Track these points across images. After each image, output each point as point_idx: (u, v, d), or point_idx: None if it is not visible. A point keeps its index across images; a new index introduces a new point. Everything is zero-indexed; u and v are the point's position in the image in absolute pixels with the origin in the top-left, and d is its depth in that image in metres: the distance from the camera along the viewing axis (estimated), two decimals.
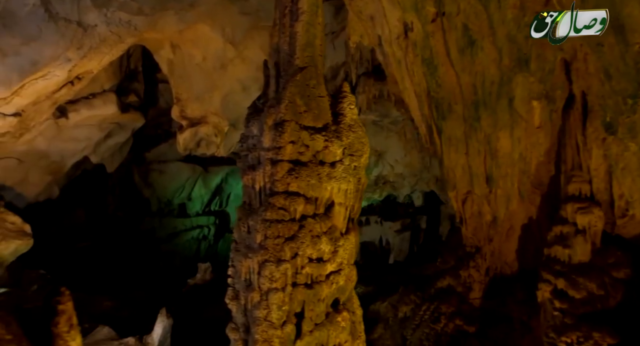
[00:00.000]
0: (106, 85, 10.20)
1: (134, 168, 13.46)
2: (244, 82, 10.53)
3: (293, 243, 3.34)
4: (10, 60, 7.36)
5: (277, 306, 3.24)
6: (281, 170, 3.37)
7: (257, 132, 3.56)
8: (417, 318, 5.21)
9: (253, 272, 3.35)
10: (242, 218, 3.57)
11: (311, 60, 3.54)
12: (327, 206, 3.55)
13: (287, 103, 3.42)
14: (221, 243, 15.67)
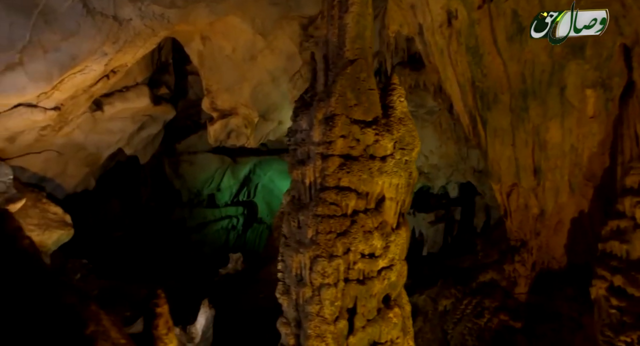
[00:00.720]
0: (139, 78, 10.35)
1: (165, 160, 13.71)
2: (273, 73, 10.50)
3: (345, 238, 3.32)
4: (51, 55, 7.52)
5: (330, 301, 3.24)
6: (332, 164, 3.33)
7: (306, 126, 3.52)
8: (458, 312, 5.14)
9: (304, 267, 3.35)
10: (291, 212, 3.57)
11: (361, 53, 3.47)
12: (378, 201, 3.51)
13: (338, 97, 3.37)
14: (249, 233, 15.87)
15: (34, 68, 7.37)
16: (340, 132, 3.34)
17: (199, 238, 14.52)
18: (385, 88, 3.73)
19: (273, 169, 15.64)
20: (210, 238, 14.82)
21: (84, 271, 7.89)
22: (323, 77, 3.59)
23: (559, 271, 5.00)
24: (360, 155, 3.42)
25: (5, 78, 7.24)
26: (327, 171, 3.33)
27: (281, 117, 11.27)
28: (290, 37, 9.76)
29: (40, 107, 8.13)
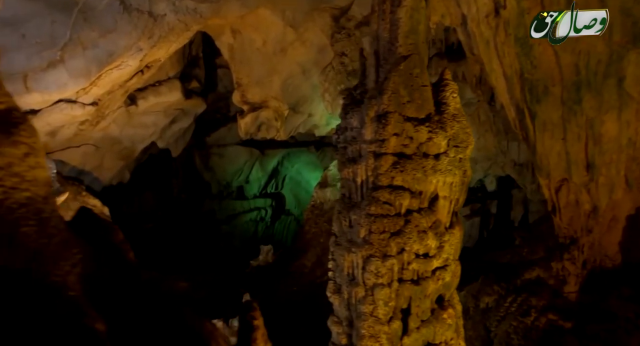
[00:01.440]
0: (170, 73, 10.46)
1: (195, 153, 13.89)
2: (304, 65, 10.43)
3: (399, 238, 3.28)
4: (90, 52, 7.66)
5: (384, 302, 3.21)
6: (385, 163, 3.28)
7: (357, 124, 3.47)
8: (501, 309, 5.05)
9: (357, 267, 3.33)
10: (342, 211, 3.54)
11: (415, 48, 3.37)
12: (431, 200, 3.44)
13: (390, 94, 3.29)
14: (277, 225, 15.98)
15: (73, 65, 7.53)
16: (393, 130, 3.28)
17: (228, 230, 14.73)
18: (438, 84, 3.63)
19: (301, 161, 15.66)
20: (240, 230, 15.01)
21: None
22: (374, 73, 3.52)
23: (613, 270, 4.82)
24: (413, 154, 3.34)
25: (48, 75, 7.43)
26: (379, 170, 3.28)
27: (311, 110, 11.22)
28: (322, 29, 9.65)
29: (79, 102, 8.33)
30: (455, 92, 3.59)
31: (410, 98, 3.37)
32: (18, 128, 1.12)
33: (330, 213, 9.39)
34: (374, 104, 3.35)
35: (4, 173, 1.03)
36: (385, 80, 3.36)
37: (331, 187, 9.64)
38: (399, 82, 3.32)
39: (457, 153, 3.46)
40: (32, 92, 7.43)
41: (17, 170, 1.07)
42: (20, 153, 1.12)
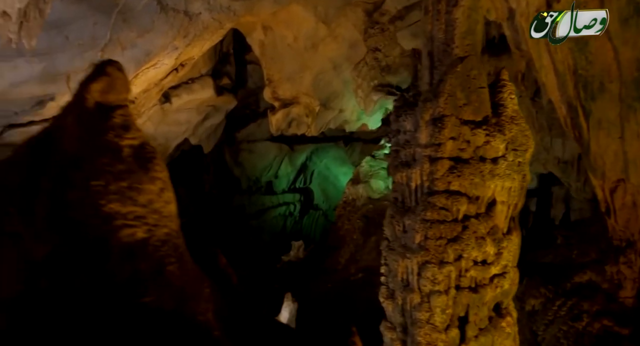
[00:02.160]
0: (203, 70, 10.57)
1: (225, 148, 14.04)
2: (335, 61, 10.35)
3: (457, 245, 3.22)
4: (128, 52, 7.79)
5: (441, 309, 3.17)
6: (441, 168, 3.21)
7: (411, 127, 3.40)
8: (549, 313, 4.92)
9: (412, 273, 3.30)
10: (395, 216, 3.50)
11: (472, 49, 3.27)
12: (488, 205, 3.35)
13: (447, 97, 3.21)
14: (306, 219, 16.05)
15: None
16: (450, 134, 3.20)
17: (257, 225, 14.89)
18: (494, 85, 3.51)
19: (329, 156, 15.64)
20: (269, 225, 15.17)
21: None
22: (428, 75, 3.43)
23: None
24: (470, 158, 3.26)
25: None
26: (435, 174, 3.22)
27: (342, 105, 11.14)
28: (354, 24, 9.53)
29: None
30: (513, 93, 3.47)
31: (467, 101, 3.28)
32: (153, 163, 1.13)
33: (362, 210, 9.34)
34: (429, 107, 3.28)
35: (147, 210, 1.04)
36: (440, 82, 3.27)
37: (363, 183, 9.58)
38: (456, 84, 3.23)
39: (516, 157, 3.36)
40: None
41: (156, 206, 1.08)
42: (157, 189, 1.13)
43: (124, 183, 1.05)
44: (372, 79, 8.96)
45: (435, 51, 3.37)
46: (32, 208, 0.93)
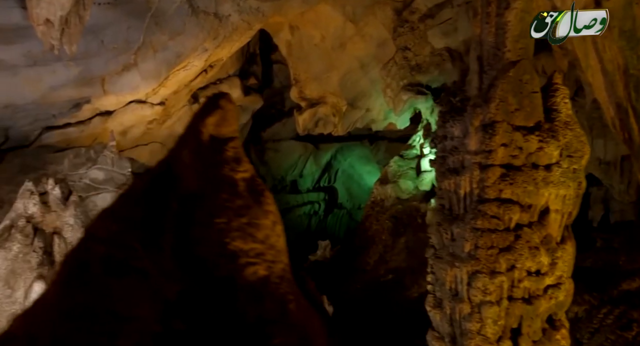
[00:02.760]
0: (230, 70, 10.65)
1: (251, 147, 14.14)
2: (363, 60, 10.27)
3: (509, 254, 3.14)
4: (160, 55, 7.92)
5: (493, 320, 3.10)
6: (492, 175, 3.13)
7: (459, 133, 3.33)
8: (594, 321, 4.78)
9: (461, 282, 3.24)
10: (442, 223, 3.44)
11: (525, 53, 3.17)
12: (541, 213, 3.26)
13: (498, 102, 3.12)
14: (330, 218, 16.05)
15: (145, 67, 7.83)
16: (502, 141, 3.12)
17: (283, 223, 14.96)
18: (546, 88, 3.40)
19: (354, 155, 15.58)
20: (293, 223, 15.22)
21: None
22: (477, 80, 3.35)
23: None
24: (522, 165, 3.17)
25: (122, 78, 7.77)
26: (486, 182, 3.14)
27: (369, 105, 11.06)
28: (383, 23, 9.43)
29: (148, 102, 8.67)
30: (567, 97, 3.36)
31: (519, 106, 3.18)
32: (264, 196, 1.13)
33: (391, 210, 9.27)
34: (479, 113, 3.20)
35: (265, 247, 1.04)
36: (491, 87, 3.19)
37: (392, 183, 9.49)
38: (508, 89, 3.14)
39: (571, 164, 3.25)
40: (109, 95, 7.81)
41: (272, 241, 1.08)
42: (270, 223, 1.13)
43: (244, 220, 1.05)
44: (402, 79, 8.85)
45: (484, 55, 3.29)
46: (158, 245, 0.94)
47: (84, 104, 7.91)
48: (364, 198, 16.59)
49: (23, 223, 4.79)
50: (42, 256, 4.68)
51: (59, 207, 5.18)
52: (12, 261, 4.57)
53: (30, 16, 5.23)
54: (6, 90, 6.73)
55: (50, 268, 4.75)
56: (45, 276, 4.61)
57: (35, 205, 4.98)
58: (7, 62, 6.39)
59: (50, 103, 7.41)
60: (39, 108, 7.42)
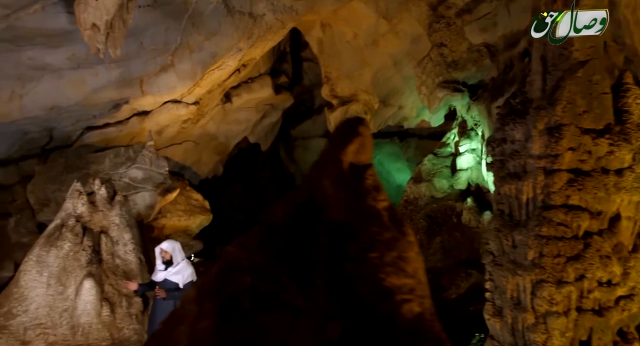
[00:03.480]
0: (262, 69, 10.67)
1: (280, 145, 14.17)
2: (396, 57, 10.11)
3: (578, 263, 3.01)
4: (196, 55, 7.98)
5: (560, 332, 2.99)
6: (559, 180, 3.00)
7: (520, 136, 3.20)
8: None
9: (523, 291, 3.13)
10: (502, 229, 3.33)
11: (595, 52, 3.01)
12: (612, 220, 3.11)
13: (565, 104, 2.98)
14: None
15: (182, 68, 7.91)
16: (569, 144, 2.98)
17: None
18: (616, 88, 3.23)
19: (382, 152, 15.42)
20: None
21: None
22: (540, 81, 3.20)
23: None
24: (592, 170, 3.03)
25: (160, 79, 7.87)
26: (552, 188, 3.01)
27: (401, 102, 10.90)
28: (417, 19, 9.23)
29: (183, 102, 8.78)
30: (639, 97, 3.18)
31: (587, 108, 3.03)
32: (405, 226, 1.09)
33: (426, 209, 9.12)
34: (544, 115, 3.06)
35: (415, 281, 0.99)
36: (557, 88, 3.04)
37: (426, 182, 9.33)
38: (576, 91, 2.99)
39: None
40: (147, 95, 7.93)
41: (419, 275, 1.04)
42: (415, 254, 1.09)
43: (394, 253, 1.01)
44: (437, 76, 8.64)
45: (548, 55, 3.14)
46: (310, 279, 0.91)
47: (123, 105, 8.07)
48: (392, 196, 16.46)
49: (73, 223, 4.89)
50: (91, 254, 4.78)
51: (105, 207, 5.28)
52: (64, 259, 4.69)
53: (77, 21, 5.33)
54: (52, 92, 6.91)
55: (98, 266, 4.85)
56: (94, 274, 4.70)
57: (83, 205, 5.08)
58: (53, 65, 6.55)
59: (92, 104, 7.58)
60: (82, 110, 7.60)
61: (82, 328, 4.44)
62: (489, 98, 7.14)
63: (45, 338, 4.38)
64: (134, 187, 8.16)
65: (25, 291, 4.58)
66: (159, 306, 4.11)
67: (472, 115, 8.45)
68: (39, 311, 4.50)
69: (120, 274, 4.98)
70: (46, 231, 5.04)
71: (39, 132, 7.70)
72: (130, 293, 4.79)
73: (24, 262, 4.74)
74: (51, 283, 4.61)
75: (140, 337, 4.61)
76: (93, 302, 4.50)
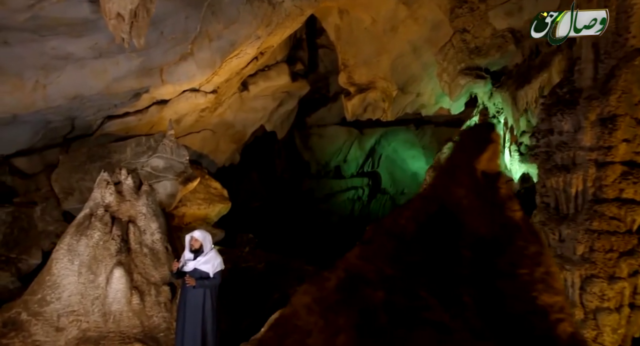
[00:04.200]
0: (279, 57, 10.55)
1: (296, 133, 14.10)
2: (415, 43, 9.90)
3: (632, 259, 2.95)
4: (215, 44, 7.88)
5: (611, 328, 2.94)
6: (612, 173, 2.91)
7: (569, 127, 3.11)
8: None
9: (572, 286, 3.07)
10: (547, 223, 3.26)
11: None
12: None
13: (620, 94, 2.88)
14: (373, 204, 15.96)
15: (201, 57, 7.82)
16: (624, 136, 2.89)
17: (326, 208, 14.99)
18: None
19: (398, 139, 15.31)
20: (337, 208, 15.22)
21: (252, 245, 8.55)
22: (591, 69, 3.09)
23: None
24: None
25: (179, 68, 7.80)
26: (604, 181, 2.93)
27: (420, 89, 10.74)
28: (438, 4, 9.01)
29: (202, 91, 8.72)
30: None
31: None
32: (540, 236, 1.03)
33: None
34: (596, 106, 2.96)
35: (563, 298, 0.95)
36: (611, 77, 2.93)
37: None
38: (632, 80, 2.88)
39: None
40: (166, 84, 7.87)
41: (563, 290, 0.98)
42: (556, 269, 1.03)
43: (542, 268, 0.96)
44: (459, 62, 8.45)
45: (601, 42, 3.02)
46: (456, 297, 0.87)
47: (143, 94, 8.03)
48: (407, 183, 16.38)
49: (102, 212, 4.90)
50: (120, 243, 4.79)
51: (132, 197, 5.27)
52: (94, 248, 4.71)
53: (102, 10, 5.25)
54: (75, 81, 6.88)
55: (127, 255, 4.87)
56: (124, 263, 4.73)
57: (111, 195, 5.08)
58: (76, 54, 6.51)
59: (113, 93, 7.55)
60: (103, 99, 7.59)
61: (114, 315, 4.48)
62: (513, 85, 6.97)
63: (78, 325, 4.43)
64: (156, 176, 8.17)
65: (58, 279, 4.61)
66: (188, 295, 4.07)
67: (494, 102, 8.28)
68: (72, 298, 4.54)
69: (148, 263, 5.00)
70: (76, 220, 5.06)
71: (61, 122, 7.71)
72: (158, 281, 4.82)
73: (55, 251, 4.78)
74: (82, 272, 4.64)
75: (169, 325, 4.64)
76: (123, 290, 4.53)
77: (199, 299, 4.06)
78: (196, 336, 3.96)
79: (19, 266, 6.90)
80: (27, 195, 8.10)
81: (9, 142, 7.53)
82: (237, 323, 4.93)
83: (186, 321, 3.98)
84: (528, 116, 6.41)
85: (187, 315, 4.00)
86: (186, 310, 4.00)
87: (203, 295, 4.04)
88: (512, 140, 7.24)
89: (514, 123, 7.28)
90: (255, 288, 6.80)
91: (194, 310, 3.98)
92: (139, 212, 5.22)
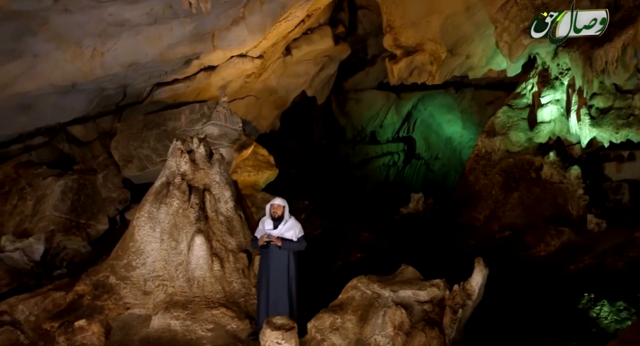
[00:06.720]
0: (321, 19, 10.18)
1: (333, 98, 13.87)
2: (469, 1, 9.39)
3: None
4: (266, 7, 7.62)
5: None
6: None
7: None
8: None
9: None
10: None
11: None
12: None
13: None
14: (407, 169, 15.88)
15: (252, 20, 7.59)
16: None
17: (361, 174, 15.00)
18: None
19: (434, 104, 14.99)
20: (372, 174, 15.21)
21: (307, 212, 8.63)
22: None
23: None
24: None
25: (231, 32, 7.60)
26: None
27: (469, 51, 10.29)
28: None
29: (249, 56, 8.54)
30: None
31: None
32: None
33: (501, 164, 8.83)
34: None
35: None
36: None
37: (500, 135, 9.00)
38: None
39: None
40: (217, 50, 7.71)
41: None
42: None
43: None
44: (523, 21, 7.99)
45: None
46: None
47: (193, 60, 7.92)
48: (441, 148, 16.16)
49: (179, 180, 4.91)
50: (198, 211, 4.84)
51: (205, 165, 5.26)
52: (174, 216, 4.76)
53: None
54: (131, 49, 6.79)
55: (205, 223, 4.94)
56: (203, 230, 4.80)
57: (186, 163, 5.08)
58: (132, 21, 6.37)
59: (166, 60, 7.45)
60: (156, 66, 7.51)
61: (197, 281, 4.59)
62: (587, 43, 6.57)
63: (164, 290, 4.55)
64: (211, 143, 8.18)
65: (142, 246, 4.72)
66: (272, 260, 3.96)
67: (559, 62, 7.89)
68: (156, 264, 4.65)
69: (225, 231, 5.07)
70: (153, 188, 5.08)
71: (114, 89, 7.70)
72: (235, 249, 4.85)
73: (137, 218, 4.83)
74: (164, 239, 4.73)
75: (248, 290, 4.74)
76: (204, 257, 4.62)
77: (283, 264, 3.96)
78: (281, 301, 3.91)
79: (88, 232, 7.14)
80: (85, 163, 8.24)
81: (67, 110, 7.58)
82: (305, 289, 4.98)
83: (270, 286, 3.94)
84: (603, 77, 6.09)
85: (272, 280, 3.95)
86: (270, 275, 3.96)
87: (287, 260, 3.97)
88: (580, 103, 6.94)
89: (584, 85, 6.95)
90: (317, 255, 6.89)
91: (279, 275, 3.93)
92: (213, 180, 5.23)
